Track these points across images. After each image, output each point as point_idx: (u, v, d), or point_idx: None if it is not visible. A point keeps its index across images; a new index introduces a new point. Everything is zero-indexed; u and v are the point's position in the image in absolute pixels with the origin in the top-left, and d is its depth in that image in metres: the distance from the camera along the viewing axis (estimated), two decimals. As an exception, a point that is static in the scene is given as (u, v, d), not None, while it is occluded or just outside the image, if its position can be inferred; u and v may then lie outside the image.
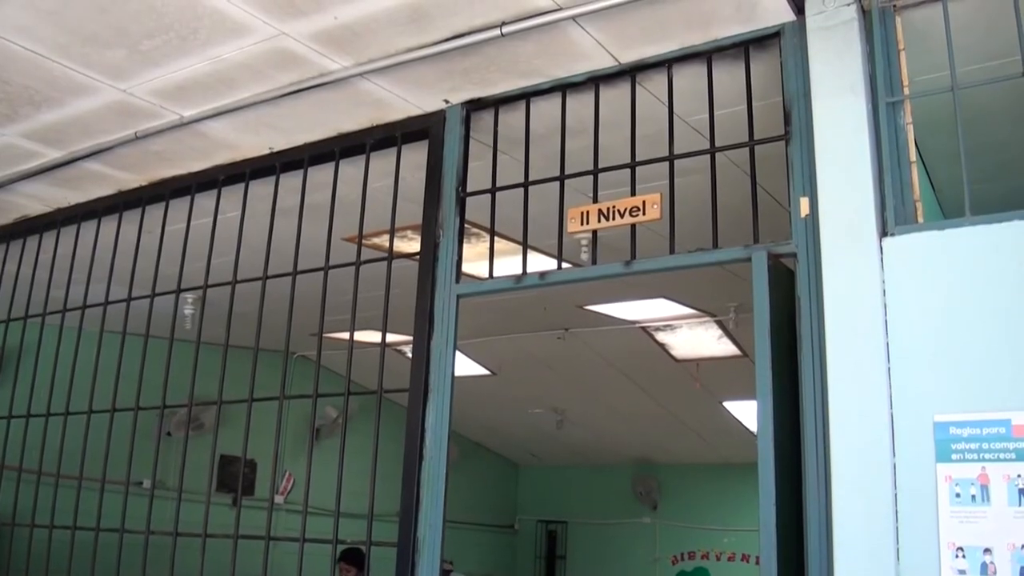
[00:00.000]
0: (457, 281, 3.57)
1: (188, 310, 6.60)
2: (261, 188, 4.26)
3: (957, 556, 2.31)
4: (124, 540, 4.04)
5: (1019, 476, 2.30)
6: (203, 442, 4.15)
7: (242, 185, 4.28)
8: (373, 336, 3.81)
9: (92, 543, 4.12)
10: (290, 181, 4.15)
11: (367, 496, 3.39)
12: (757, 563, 2.76)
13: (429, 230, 3.68)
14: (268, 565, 3.71)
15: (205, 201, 4.43)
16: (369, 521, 3.39)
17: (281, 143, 4.23)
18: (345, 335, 3.73)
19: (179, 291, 4.31)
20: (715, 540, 14.86)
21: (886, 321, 2.60)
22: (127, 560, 4.03)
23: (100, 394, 4.43)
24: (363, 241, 3.86)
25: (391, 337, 3.80)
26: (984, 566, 2.28)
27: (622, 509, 15.71)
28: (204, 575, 3.74)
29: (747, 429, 12.09)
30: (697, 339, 9.42)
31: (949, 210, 3.92)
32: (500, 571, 16.15)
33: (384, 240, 4.02)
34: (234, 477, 7.76)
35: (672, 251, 3.22)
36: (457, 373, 3.45)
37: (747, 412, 11.71)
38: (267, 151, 4.28)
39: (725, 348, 9.51)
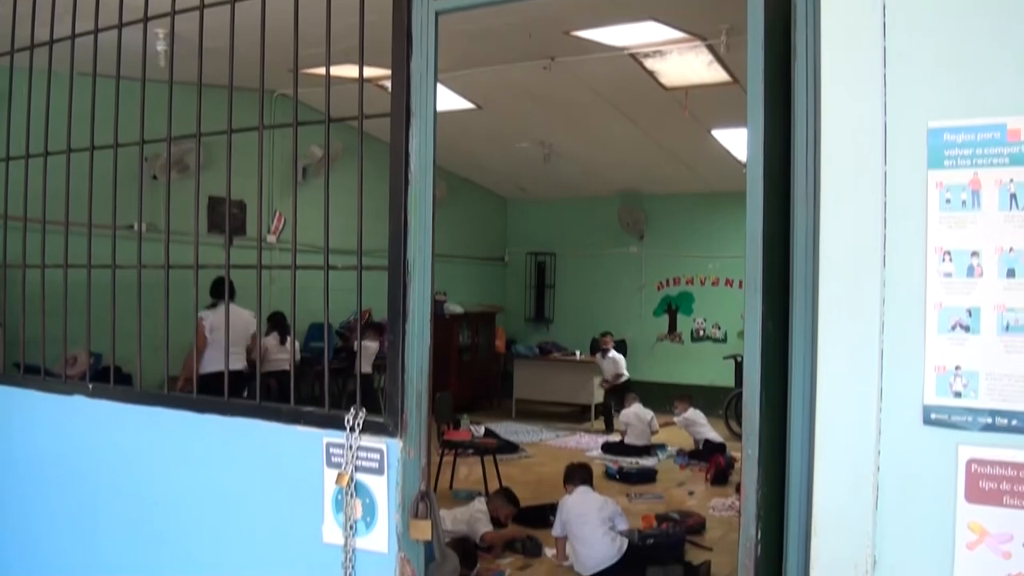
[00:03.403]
0: (434, -3, 3.37)
1: (160, 46, 6.37)
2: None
3: (944, 260, 2.33)
4: (117, 277, 4.08)
5: (1011, 181, 2.27)
6: (190, 184, 4.10)
7: None
8: (351, 70, 3.66)
9: (85, 281, 4.16)
10: None
11: (355, 232, 3.39)
12: (740, 287, 2.79)
13: (402, -61, 3.42)
14: (261, 294, 3.78)
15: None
16: (359, 240, 3.41)
17: None
18: (322, 70, 3.58)
19: (146, 19, 4.08)
20: (700, 266, 15.30)
21: (884, 24, 2.48)
22: (121, 297, 4.09)
23: (77, 137, 4.32)
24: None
25: (371, 71, 3.65)
26: (971, 268, 2.30)
27: (609, 240, 16.07)
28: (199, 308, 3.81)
29: (735, 158, 12.11)
30: (687, 65, 9.20)
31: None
32: (492, 301, 16.72)
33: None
34: (224, 217, 7.82)
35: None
36: (442, 107, 3.33)
37: (735, 140, 11.68)
38: None
39: (715, 74, 9.32)
